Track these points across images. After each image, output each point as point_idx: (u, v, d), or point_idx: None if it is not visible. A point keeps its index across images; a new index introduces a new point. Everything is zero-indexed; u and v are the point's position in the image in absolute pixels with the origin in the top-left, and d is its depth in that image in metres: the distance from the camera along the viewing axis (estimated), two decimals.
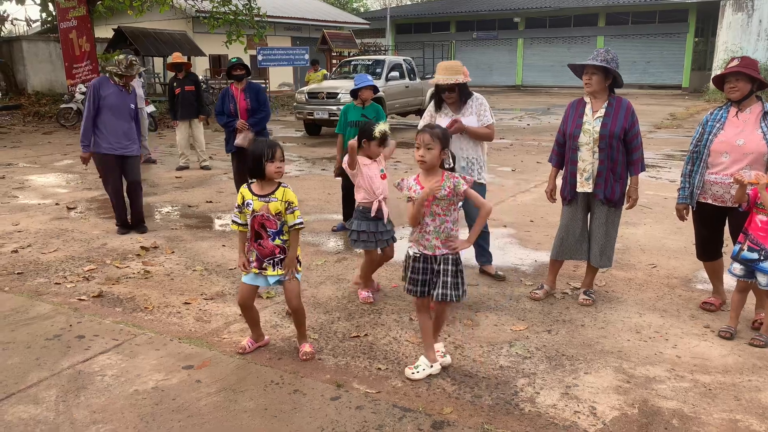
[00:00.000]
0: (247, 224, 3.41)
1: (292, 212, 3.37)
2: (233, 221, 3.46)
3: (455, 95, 4.63)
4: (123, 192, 6.26)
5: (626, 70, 31.09)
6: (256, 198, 3.35)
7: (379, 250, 4.45)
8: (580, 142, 4.24)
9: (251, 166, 3.32)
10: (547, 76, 32.94)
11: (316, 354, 3.59)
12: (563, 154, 4.41)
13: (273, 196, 3.35)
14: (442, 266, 3.26)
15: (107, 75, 6.13)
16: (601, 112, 4.18)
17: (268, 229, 3.37)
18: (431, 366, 3.36)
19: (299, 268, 3.50)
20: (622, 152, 4.21)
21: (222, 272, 5.06)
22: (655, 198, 7.76)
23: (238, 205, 3.41)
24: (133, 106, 6.13)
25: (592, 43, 31.11)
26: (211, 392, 3.18)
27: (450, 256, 3.27)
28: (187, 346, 3.71)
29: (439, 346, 3.51)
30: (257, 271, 3.45)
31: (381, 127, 4.15)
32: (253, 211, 3.36)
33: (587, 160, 4.23)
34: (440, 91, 4.66)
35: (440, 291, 3.25)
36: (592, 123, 4.19)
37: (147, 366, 3.45)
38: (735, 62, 3.84)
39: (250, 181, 3.43)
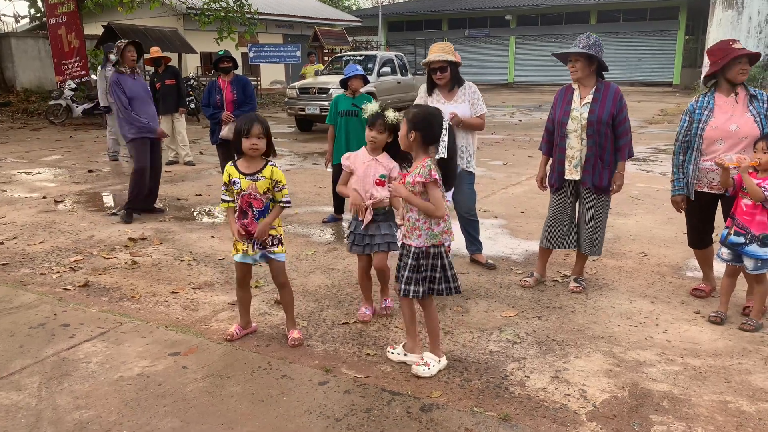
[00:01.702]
0: (235, 200, 3.39)
1: (281, 190, 3.36)
2: (222, 199, 3.44)
3: (447, 76, 4.58)
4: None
5: (618, 67, 31.43)
6: (243, 177, 3.33)
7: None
8: (568, 129, 4.21)
9: (234, 141, 3.33)
10: (539, 74, 32.96)
11: (305, 340, 3.55)
12: (553, 142, 4.39)
13: (261, 174, 3.32)
14: (404, 258, 3.16)
15: (117, 70, 6.30)
16: (589, 98, 4.16)
17: (254, 209, 3.34)
18: (406, 354, 3.29)
19: (282, 249, 3.46)
20: (611, 139, 4.18)
21: (210, 262, 5.01)
22: (646, 190, 7.77)
23: (225, 183, 3.40)
24: (148, 89, 6.53)
25: None
26: (197, 378, 3.14)
27: (412, 249, 3.10)
28: (173, 333, 3.66)
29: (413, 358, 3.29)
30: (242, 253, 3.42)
31: (371, 107, 3.75)
32: (241, 189, 3.34)
33: (575, 147, 4.20)
34: (431, 71, 4.61)
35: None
36: (579, 110, 4.17)
37: (132, 353, 3.40)
38: (739, 44, 3.81)
39: (236, 158, 3.41)
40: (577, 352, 3.43)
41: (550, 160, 4.46)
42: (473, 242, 4.97)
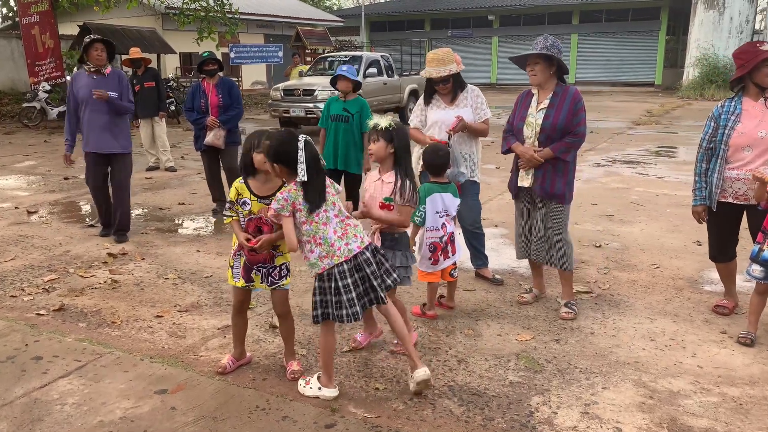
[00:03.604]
0: (241, 222, 3.07)
1: None
2: (225, 216, 3.12)
3: (449, 87, 4.30)
4: (105, 193, 5.76)
5: (600, 67, 31.49)
6: (256, 199, 3.01)
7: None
8: (525, 136, 3.96)
9: (242, 162, 3.03)
10: (522, 74, 31.91)
11: (305, 372, 3.22)
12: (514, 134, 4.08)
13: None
14: None
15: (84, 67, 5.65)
16: (545, 103, 3.89)
17: (264, 233, 3.01)
18: (320, 389, 2.98)
19: (288, 280, 3.14)
20: None
21: (197, 280, 4.65)
22: (645, 195, 7.55)
23: (231, 201, 3.07)
24: (114, 94, 5.44)
25: (566, 41, 31.11)
26: (188, 421, 2.79)
27: None
28: (159, 366, 3.31)
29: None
30: (244, 284, 3.10)
31: (373, 121, 3.37)
32: (250, 212, 3.01)
33: None
34: (433, 82, 4.32)
35: None
36: (535, 116, 3.91)
37: (114, 391, 3.04)
38: (767, 46, 3.56)
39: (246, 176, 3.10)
40: (605, 382, 3.15)
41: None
42: (479, 256, 4.67)
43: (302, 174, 2.77)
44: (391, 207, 3.27)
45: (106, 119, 5.49)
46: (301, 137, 2.81)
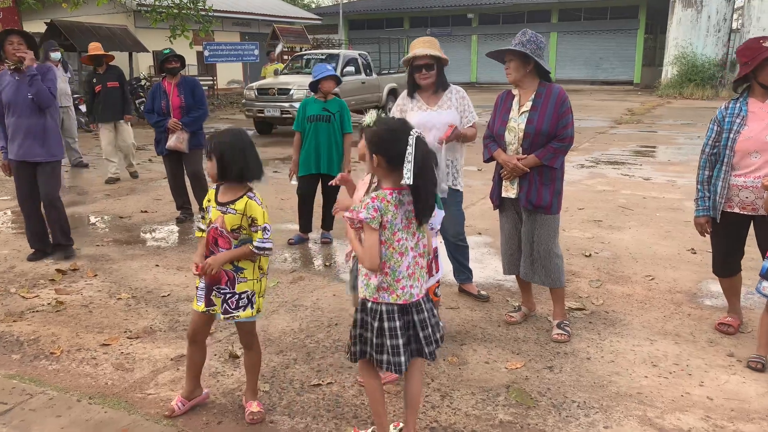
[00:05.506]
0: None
1: (256, 231, 2.63)
2: (198, 227, 2.78)
3: (433, 75, 3.90)
4: (32, 208, 5.02)
5: (579, 65, 31.42)
6: (216, 205, 2.64)
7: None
8: (507, 142, 3.60)
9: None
10: (502, 73, 32.01)
11: (267, 414, 2.82)
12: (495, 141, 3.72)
13: (233, 206, 2.60)
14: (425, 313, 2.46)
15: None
16: (528, 105, 3.53)
17: (220, 248, 2.62)
18: None
19: (252, 311, 2.72)
20: None
21: (153, 300, 4.22)
22: (633, 198, 7.25)
23: (203, 209, 2.78)
24: (30, 96, 4.65)
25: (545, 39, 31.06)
26: None
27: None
28: (99, 408, 2.88)
29: None
30: (204, 309, 2.69)
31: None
32: (210, 221, 2.64)
33: None
34: (415, 70, 3.91)
35: (431, 348, 2.46)
36: (517, 119, 3.55)
37: None
38: None
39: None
40: (606, 419, 2.79)
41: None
42: (462, 270, 4.31)
43: (407, 176, 2.26)
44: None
45: (31, 123, 4.76)
46: (414, 131, 2.33)
